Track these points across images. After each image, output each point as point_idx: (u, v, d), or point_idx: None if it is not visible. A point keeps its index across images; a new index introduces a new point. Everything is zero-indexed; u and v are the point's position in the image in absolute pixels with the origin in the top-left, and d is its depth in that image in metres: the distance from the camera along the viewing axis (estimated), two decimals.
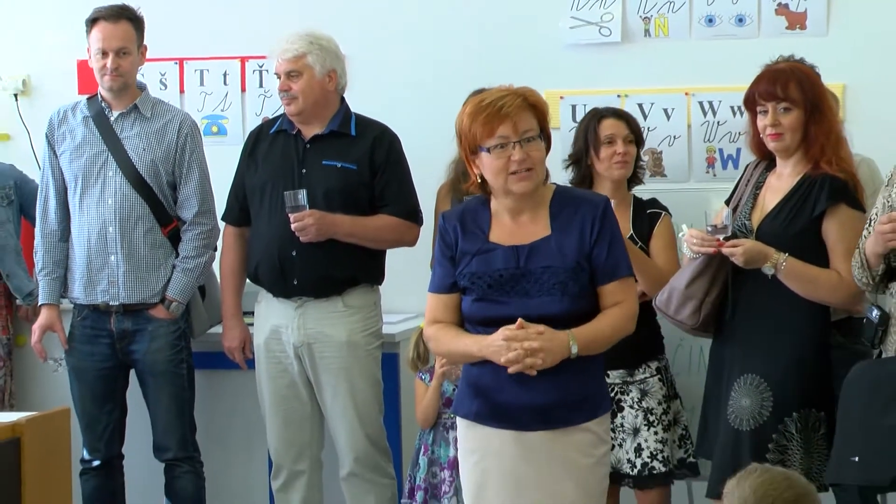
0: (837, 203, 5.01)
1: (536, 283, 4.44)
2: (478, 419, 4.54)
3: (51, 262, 6.31)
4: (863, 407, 4.74)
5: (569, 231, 4.48)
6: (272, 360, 6.10)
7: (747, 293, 5.10)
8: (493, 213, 4.57)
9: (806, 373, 5.03)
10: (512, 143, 4.39)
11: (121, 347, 6.28)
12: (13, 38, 7.13)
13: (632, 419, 5.65)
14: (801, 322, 5.06)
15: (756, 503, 3.18)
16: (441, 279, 4.62)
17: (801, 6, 6.34)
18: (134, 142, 6.24)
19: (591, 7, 6.54)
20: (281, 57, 5.95)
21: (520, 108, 4.42)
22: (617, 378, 5.64)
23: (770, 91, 5.07)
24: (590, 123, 5.78)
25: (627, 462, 5.64)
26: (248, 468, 6.70)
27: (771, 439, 5.00)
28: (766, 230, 5.07)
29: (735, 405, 5.06)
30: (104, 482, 6.42)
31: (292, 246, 5.93)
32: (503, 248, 4.50)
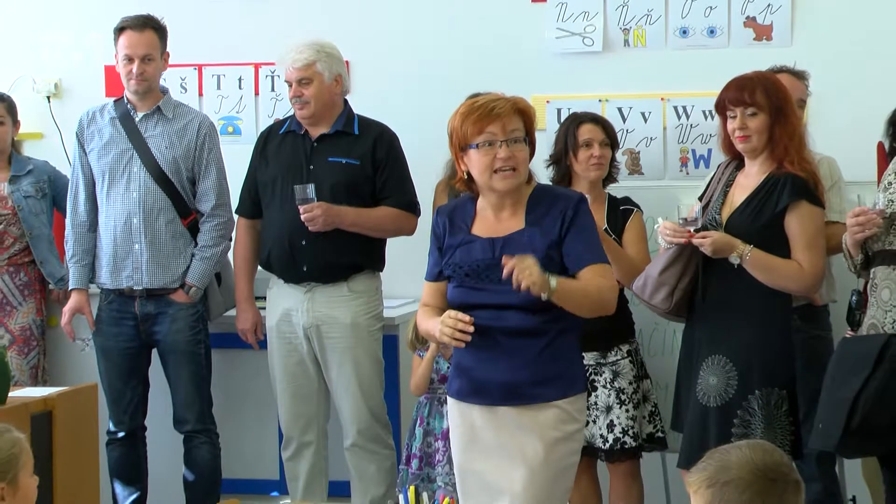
0: (799, 199, 5.01)
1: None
2: (459, 396, 4.56)
3: (80, 250, 6.33)
4: (829, 380, 4.81)
5: (541, 224, 4.46)
6: (283, 340, 6.12)
7: (716, 281, 5.09)
8: (478, 210, 4.56)
9: (768, 354, 5.02)
10: (499, 141, 4.38)
11: (144, 329, 6.29)
12: (46, 44, 7.12)
13: (604, 398, 5.66)
14: (764, 308, 5.05)
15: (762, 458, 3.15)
16: (431, 268, 4.65)
17: (768, 19, 6.34)
18: (157, 140, 6.25)
19: (575, 19, 6.53)
20: (292, 66, 5.96)
21: (509, 111, 4.41)
22: (591, 360, 5.65)
23: (738, 97, 5.07)
24: (569, 127, 5.78)
25: (600, 437, 5.65)
26: (261, 439, 6.71)
27: (736, 415, 5.00)
28: (733, 223, 5.07)
29: (703, 383, 5.06)
30: (128, 452, 6.43)
31: (302, 235, 5.94)
32: (482, 240, 4.49)
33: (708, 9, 6.41)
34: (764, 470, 3.10)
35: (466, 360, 4.52)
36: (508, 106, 4.43)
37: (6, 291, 6.55)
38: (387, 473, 6.07)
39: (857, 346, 4.81)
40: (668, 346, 6.00)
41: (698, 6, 6.42)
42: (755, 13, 6.36)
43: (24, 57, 7.15)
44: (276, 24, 6.75)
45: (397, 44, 6.70)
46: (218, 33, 6.92)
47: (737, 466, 3.11)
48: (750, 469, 3.11)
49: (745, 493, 3.08)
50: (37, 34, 7.15)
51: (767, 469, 3.11)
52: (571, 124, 5.79)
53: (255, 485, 6.65)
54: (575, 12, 6.54)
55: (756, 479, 3.09)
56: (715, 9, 6.40)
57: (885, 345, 4.64)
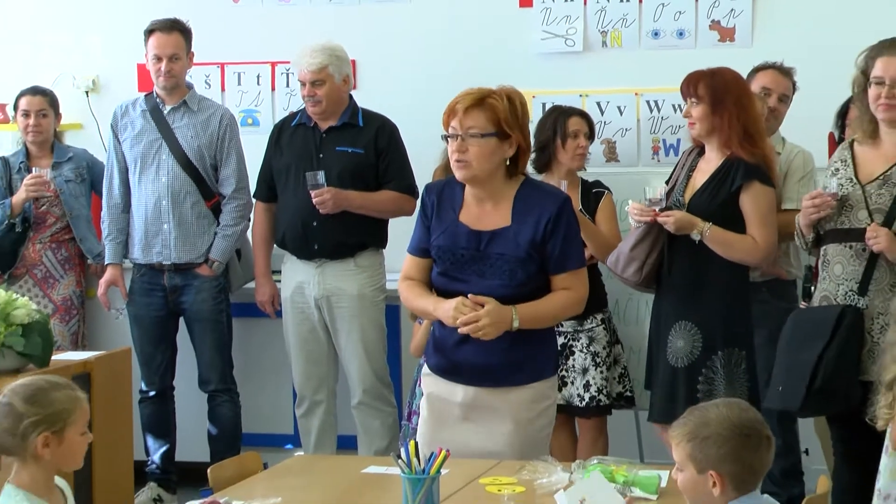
0: (751, 181, 5.02)
1: (491, 266, 4.26)
2: (436, 371, 4.45)
3: (115, 229, 6.35)
4: (786, 346, 4.80)
5: (526, 223, 4.27)
6: (296, 310, 6.14)
7: (680, 255, 5.10)
8: (465, 196, 4.36)
9: (728, 319, 5.05)
10: (457, 135, 4.22)
11: (172, 299, 6.31)
12: (85, 44, 7.12)
13: (581, 361, 5.68)
14: (724, 278, 5.07)
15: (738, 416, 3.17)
16: (417, 243, 4.44)
17: (731, 23, 6.34)
18: (183, 131, 6.26)
19: (558, 23, 6.52)
20: (306, 68, 5.96)
21: (470, 107, 4.20)
22: (569, 327, 5.67)
23: (685, 89, 5.17)
24: (558, 118, 5.77)
25: (577, 397, 5.67)
26: (277, 398, 6.73)
27: (701, 373, 5.02)
28: (694, 204, 5.09)
29: (672, 346, 5.09)
30: (158, 409, 6.46)
31: (313, 217, 5.96)
32: (469, 231, 4.30)
33: (677, 13, 6.40)
34: (740, 426, 3.14)
35: (445, 338, 4.38)
36: (470, 101, 4.21)
37: (49, 266, 6.55)
38: (389, 429, 6.09)
39: (813, 316, 4.81)
40: (641, 315, 6.01)
41: (669, 11, 6.42)
42: (720, 17, 6.36)
43: (65, 56, 7.13)
44: (291, 28, 6.74)
45: (399, 44, 6.69)
46: (238, 35, 6.91)
47: (715, 423, 3.15)
48: (727, 426, 3.14)
49: (723, 447, 3.13)
50: (76, 35, 7.14)
51: (743, 426, 3.14)
52: (560, 116, 5.79)
53: (272, 438, 6.66)
54: (558, 16, 6.53)
55: (733, 435, 3.13)
56: (683, 13, 6.40)
57: (841, 314, 4.65)
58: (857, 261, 4.72)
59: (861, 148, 4.82)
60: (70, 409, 3.43)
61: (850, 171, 4.78)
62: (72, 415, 3.43)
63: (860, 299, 4.70)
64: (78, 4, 7.16)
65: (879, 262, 4.68)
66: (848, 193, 4.73)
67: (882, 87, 4.68)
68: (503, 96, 4.26)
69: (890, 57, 4.69)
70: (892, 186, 4.70)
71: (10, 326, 4.86)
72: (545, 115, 5.91)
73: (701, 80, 5.12)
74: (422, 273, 4.44)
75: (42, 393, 3.42)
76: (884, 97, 4.68)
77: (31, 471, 3.39)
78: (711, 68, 5.20)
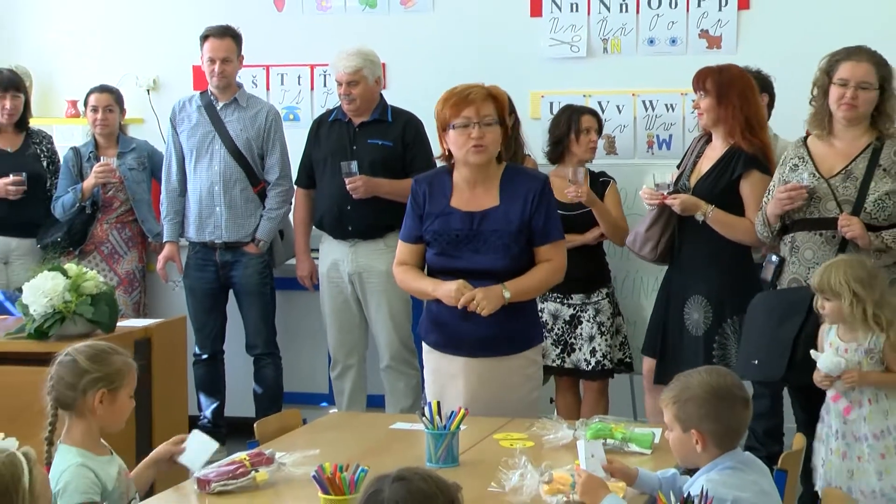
0: (751, 169, 5.04)
1: (485, 243, 4.24)
2: (436, 347, 4.40)
3: (172, 211, 6.35)
4: (762, 324, 4.77)
5: (514, 202, 4.25)
6: (332, 284, 6.13)
7: (690, 235, 5.13)
8: (455, 183, 4.31)
9: (734, 290, 5.06)
10: (473, 123, 4.18)
11: (222, 273, 6.32)
12: (147, 48, 7.12)
13: (588, 330, 5.66)
14: (726, 255, 5.09)
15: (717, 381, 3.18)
16: (410, 231, 4.39)
17: (718, 31, 6.31)
18: (234, 125, 6.26)
19: (564, 31, 6.50)
20: (343, 70, 5.94)
21: (483, 98, 4.20)
22: (577, 300, 5.66)
23: (695, 84, 5.17)
24: (572, 116, 5.77)
25: (584, 361, 5.65)
26: (314, 362, 6.72)
27: (714, 340, 5.06)
28: (699, 188, 5.10)
29: (689, 319, 5.12)
30: (210, 370, 6.47)
31: (347, 202, 5.95)
32: (461, 213, 4.27)
33: (670, 23, 6.37)
34: (717, 390, 3.17)
35: (443, 316, 4.32)
36: (483, 92, 4.22)
37: (115, 243, 6.56)
38: (413, 389, 6.08)
39: (787, 297, 4.78)
40: (638, 290, 6.01)
41: (662, 21, 6.39)
42: (708, 27, 6.33)
43: (129, 58, 7.14)
44: (328, 35, 6.73)
45: (424, 50, 6.68)
46: (282, 41, 6.90)
47: (696, 387, 3.19)
48: (705, 389, 3.18)
49: (703, 408, 3.16)
50: (139, 40, 7.15)
51: (719, 389, 3.17)
52: (574, 114, 5.79)
53: (310, 397, 6.66)
54: (564, 25, 6.50)
55: (710, 398, 3.16)
56: (676, 23, 6.37)
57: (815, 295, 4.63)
58: (828, 246, 4.71)
59: (816, 145, 4.84)
60: (125, 372, 3.44)
61: (810, 166, 4.79)
62: (125, 377, 3.44)
63: None
64: (141, 13, 7.16)
65: (849, 248, 4.69)
66: (815, 186, 4.73)
67: (846, 88, 4.69)
68: (501, 90, 4.32)
69: (857, 62, 4.70)
70: (854, 180, 4.72)
71: (80, 296, 4.86)
72: (559, 112, 5.89)
73: (709, 75, 5.13)
74: (415, 258, 4.40)
75: (104, 354, 3.43)
76: (847, 97, 4.68)
77: (82, 428, 3.38)
78: (720, 65, 5.24)
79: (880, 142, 4.74)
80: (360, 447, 3.87)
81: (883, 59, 4.74)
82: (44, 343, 4.79)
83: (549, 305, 5.66)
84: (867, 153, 4.74)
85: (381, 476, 2.26)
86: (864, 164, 4.72)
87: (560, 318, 5.67)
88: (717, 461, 3.15)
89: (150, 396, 5.10)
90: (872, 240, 4.64)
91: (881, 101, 4.73)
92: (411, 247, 4.40)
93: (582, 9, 6.48)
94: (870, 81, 4.68)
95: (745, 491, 3.07)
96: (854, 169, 4.73)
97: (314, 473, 3.06)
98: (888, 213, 4.69)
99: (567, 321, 5.66)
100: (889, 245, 4.65)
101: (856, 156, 4.75)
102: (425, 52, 6.67)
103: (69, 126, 7.15)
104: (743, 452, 3.21)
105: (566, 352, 5.66)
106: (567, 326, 5.66)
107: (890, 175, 4.70)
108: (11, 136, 6.52)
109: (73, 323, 4.87)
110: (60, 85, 7.28)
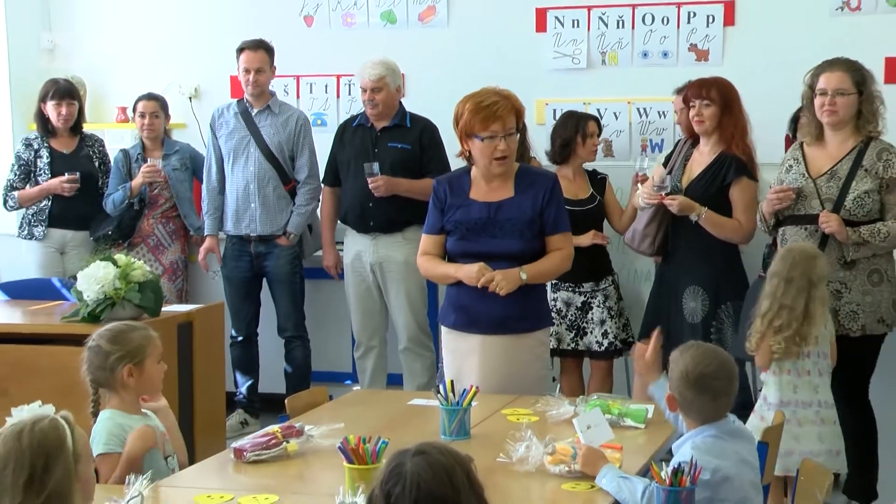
0: (740, 176, 5.06)
1: (501, 229, 4.25)
2: (454, 327, 4.39)
3: (212, 207, 6.34)
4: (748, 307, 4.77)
5: (527, 195, 4.27)
6: (355, 273, 6.12)
7: (683, 232, 5.12)
8: (473, 178, 4.35)
9: (726, 279, 5.08)
10: (499, 136, 4.19)
11: (257, 263, 6.32)
12: (189, 60, 7.12)
13: (599, 314, 5.66)
14: (718, 249, 5.09)
15: (693, 369, 3.17)
16: (432, 224, 4.40)
17: (706, 45, 6.27)
18: (267, 129, 6.25)
19: (566, 45, 6.47)
20: (368, 78, 5.94)
21: (508, 112, 4.21)
22: (588, 287, 5.67)
23: (698, 92, 5.14)
24: (579, 122, 5.77)
25: (596, 343, 5.64)
26: (339, 343, 6.70)
27: (711, 325, 5.07)
28: (692, 190, 5.10)
29: (687, 308, 5.12)
30: (245, 351, 6.47)
31: (369, 199, 5.94)
32: (479, 203, 4.29)
33: (662, 38, 6.34)
34: (692, 378, 3.17)
35: (463, 298, 4.32)
36: (508, 107, 4.21)
37: (160, 236, 6.56)
38: (429, 369, 6.08)
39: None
40: (632, 280, 6.03)
41: (655, 36, 6.35)
42: (697, 41, 6.29)
43: (173, 68, 7.14)
44: (353, 48, 6.72)
45: (440, 61, 6.65)
46: (310, 53, 6.89)
47: (681, 360, 3.21)
48: (683, 376, 3.19)
49: (682, 393, 3.18)
50: (182, 52, 7.15)
51: (695, 378, 3.17)
52: (580, 120, 5.78)
53: (335, 376, 6.64)
54: (567, 40, 6.48)
55: (685, 383, 3.17)
56: (667, 38, 6.33)
57: None
58: (812, 240, 4.75)
59: (809, 149, 4.86)
60: (145, 345, 3.48)
61: (801, 167, 4.81)
62: (147, 349, 3.48)
63: None
64: (184, 28, 7.16)
65: (829, 241, 4.72)
66: (802, 186, 4.74)
67: (825, 96, 4.72)
68: (519, 102, 4.31)
69: (830, 73, 4.72)
70: (837, 180, 4.72)
71: (129, 284, 4.87)
72: (565, 118, 5.87)
73: (713, 85, 5.10)
74: (437, 248, 4.41)
75: (122, 334, 3.47)
76: (826, 104, 4.68)
77: (120, 397, 3.45)
78: (714, 77, 5.21)
79: (865, 144, 4.73)
80: (381, 421, 3.86)
81: (857, 65, 4.74)
82: (96, 326, 4.71)
83: (561, 294, 5.65)
84: (852, 155, 4.75)
85: (401, 451, 2.26)
86: (848, 165, 4.73)
87: (573, 304, 5.67)
88: (701, 428, 3.14)
89: (192, 374, 5.10)
90: (850, 234, 4.65)
91: (860, 104, 4.71)
92: (434, 238, 4.41)
93: (582, 25, 6.46)
94: (845, 87, 4.70)
95: (726, 460, 3.07)
96: (839, 170, 4.73)
97: (339, 445, 3.05)
98: (867, 209, 4.69)
99: (579, 307, 5.66)
100: (866, 239, 4.67)
101: (841, 157, 4.76)
102: (441, 64, 6.64)
103: (119, 130, 7.14)
104: (731, 422, 3.19)
105: (579, 335, 5.66)
106: (579, 312, 5.66)
107: (871, 175, 4.70)
108: (67, 139, 6.53)
109: (122, 308, 4.87)
110: (111, 93, 7.28)
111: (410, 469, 2.19)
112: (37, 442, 2.31)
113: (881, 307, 4.73)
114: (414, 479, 2.17)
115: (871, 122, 4.73)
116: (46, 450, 2.31)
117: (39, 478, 2.29)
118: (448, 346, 4.46)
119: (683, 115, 5.42)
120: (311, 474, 3.36)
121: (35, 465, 2.28)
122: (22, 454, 2.29)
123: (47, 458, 2.30)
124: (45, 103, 6.43)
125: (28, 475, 2.28)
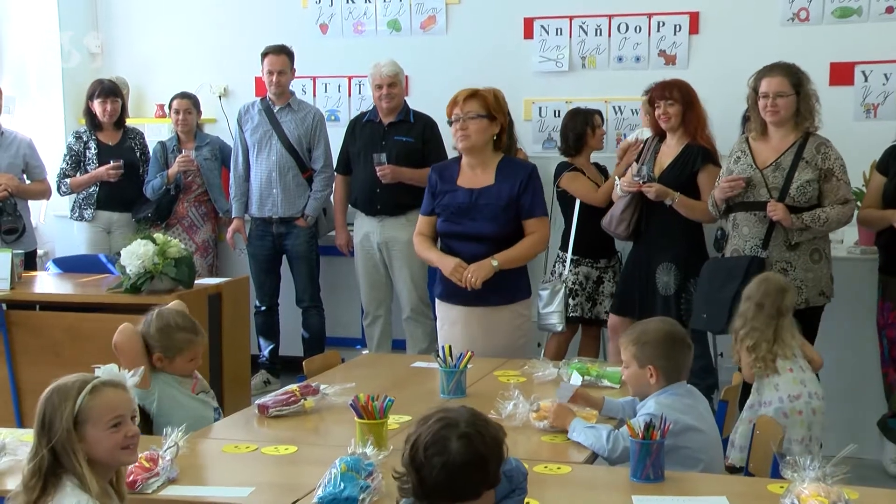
0: (706, 164, 5.03)
1: (480, 213, 4.23)
2: (442, 298, 4.40)
3: (239, 192, 6.32)
4: (708, 286, 4.77)
5: (506, 182, 4.24)
6: (364, 251, 6.10)
7: (656, 216, 5.10)
8: (461, 167, 4.34)
9: (694, 256, 5.05)
10: (459, 118, 4.21)
11: (278, 242, 6.30)
12: (219, 62, 7.11)
13: (609, 287, 5.68)
14: (686, 231, 5.07)
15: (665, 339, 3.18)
16: (426, 206, 4.41)
17: (673, 51, 6.25)
18: (287, 124, 6.22)
19: (551, 50, 6.44)
20: (386, 74, 5.92)
21: (465, 97, 4.22)
22: (603, 264, 5.71)
23: (661, 94, 5.10)
24: (587, 116, 5.77)
25: (605, 312, 5.63)
26: (349, 312, 6.69)
27: (682, 297, 5.03)
28: (664, 178, 5.07)
29: (661, 282, 5.08)
30: (268, 319, 6.46)
31: (377, 186, 5.92)
32: (464, 189, 4.29)
33: (635, 44, 6.31)
34: (670, 335, 3.22)
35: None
36: (466, 93, 4.23)
37: (193, 218, 6.54)
38: (428, 335, 6.05)
39: (728, 263, 4.79)
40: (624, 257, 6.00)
41: (629, 43, 6.32)
42: (665, 47, 6.27)
43: (205, 70, 7.12)
44: (363, 52, 6.69)
45: (438, 65, 6.63)
46: (325, 57, 6.88)
47: (653, 332, 3.22)
48: (661, 334, 3.21)
49: (658, 348, 3.18)
50: (213, 56, 7.13)
51: (671, 335, 3.22)
52: (587, 115, 5.78)
53: (346, 341, 6.62)
54: (551, 46, 6.45)
55: (665, 340, 3.20)
56: (639, 44, 6.31)
57: (750, 262, 4.64)
58: (761, 225, 4.72)
59: (755, 142, 4.82)
60: (183, 347, 3.48)
61: (749, 158, 4.78)
62: (183, 350, 3.46)
63: (762, 252, 4.70)
64: (214, 34, 7.12)
65: (776, 226, 4.68)
66: (751, 176, 4.71)
67: (767, 98, 4.70)
68: (491, 91, 4.29)
69: (771, 77, 4.72)
70: (782, 171, 4.70)
71: (166, 260, 4.86)
72: (573, 115, 5.81)
73: (675, 87, 5.08)
74: (429, 228, 4.41)
75: (169, 329, 3.47)
76: (769, 106, 4.68)
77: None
78: (674, 79, 5.19)
79: (804, 138, 4.71)
80: (387, 381, 3.86)
81: (794, 68, 4.72)
82: (137, 296, 4.80)
83: (582, 269, 5.67)
84: (794, 148, 4.73)
85: (451, 421, 2.19)
86: (790, 158, 4.71)
87: (590, 278, 5.69)
88: (665, 389, 3.17)
89: (220, 339, 5.09)
90: (794, 220, 4.63)
91: (798, 103, 4.69)
92: (427, 219, 4.42)
93: (565, 33, 6.42)
94: (784, 90, 4.68)
95: (687, 414, 3.12)
96: (783, 161, 4.71)
97: (351, 402, 3.04)
98: (808, 197, 4.67)
99: (595, 281, 5.69)
100: (808, 224, 4.65)
101: (784, 150, 4.74)
102: (440, 66, 6.61)
103: (157, 125, 7.13)
104: (686, 384, 3.22)
105: (593, 305, 5.68)
106: (594, 285, 5.69)
107: (811, 166, 4.68)
108: (112, 132, 6.50)
109: (160, 280, 4.86)
110: (151, 92, 7.27)
111: (454, 449, 2.15)
112: (45, 399, 2.39)
113: (821, 282, 4.72)
114: (453, 460, 2.15)
115: (808, 118, 4.71)
116: (52, 405, 2.37)
117: (48, 427, 2.36)
118: (439, 313, 4.46)
119: (650, 115, 5.38)
120: (326, 428, 3.36)
121: (44, 418, 2.37)
122: (39, 405, 2.40)
123: (52, 414, 2.37)
124: (92, 101, 6.41)
125: (39, 424, 2.38)
